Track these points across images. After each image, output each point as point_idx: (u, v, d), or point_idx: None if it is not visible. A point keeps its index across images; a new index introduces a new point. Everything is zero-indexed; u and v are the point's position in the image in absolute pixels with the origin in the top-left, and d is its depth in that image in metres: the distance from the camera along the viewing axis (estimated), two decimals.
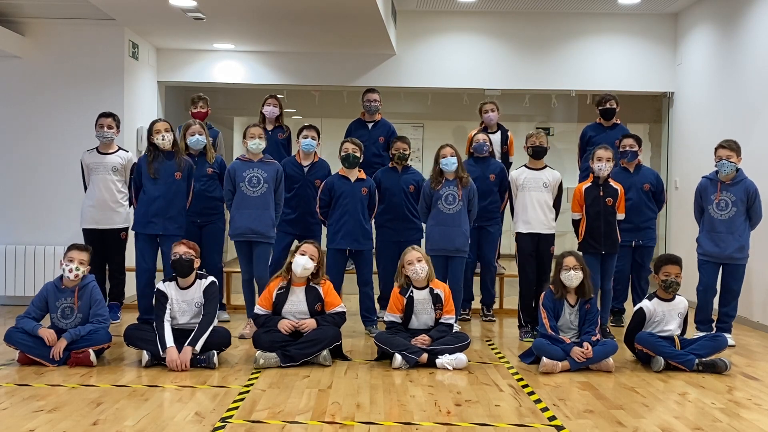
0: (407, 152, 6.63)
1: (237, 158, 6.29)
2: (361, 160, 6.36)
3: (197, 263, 5.37)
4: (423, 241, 6.60)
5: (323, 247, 6.32)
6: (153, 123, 6.21)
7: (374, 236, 6.60)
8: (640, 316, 5.46)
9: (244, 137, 6.16)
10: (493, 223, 6.88)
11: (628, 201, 6.38)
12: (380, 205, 6.54)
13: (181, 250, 5.31)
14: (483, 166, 6.76)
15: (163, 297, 5.29)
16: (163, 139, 6.09)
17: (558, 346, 5.24)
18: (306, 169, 6.60)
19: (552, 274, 5.73)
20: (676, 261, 5.46)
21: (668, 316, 5.42)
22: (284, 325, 5.29)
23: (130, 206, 6.84)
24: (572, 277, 5.42)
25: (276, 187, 6.15)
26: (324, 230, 6.69)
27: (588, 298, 5.47)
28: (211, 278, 5.43)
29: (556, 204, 6.40)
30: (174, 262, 5.31)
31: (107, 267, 6.82)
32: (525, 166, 6.46)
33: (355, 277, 6.49)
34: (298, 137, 6.67)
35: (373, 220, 6.59)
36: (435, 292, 5.51)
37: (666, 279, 5.40)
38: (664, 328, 5.40)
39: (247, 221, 6.05)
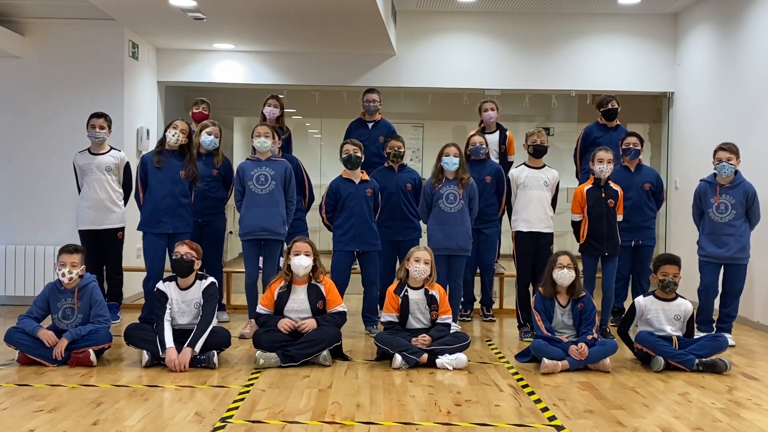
0: (402, 150, 6.64)
1: (246, 158, 6.28)
2: (362, 160, 6.36)
3: (198, 264, 5.36)
4: (422, 240, 6.60)
5: (327, 248, 6.37)
6: (175, 119, 6.27)
7: None
8: (631, 310, 5.55)
9: (252, 136, 6.16)
10: (490, 226, 6.86)
11: (628, 200, 6.39)
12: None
13: (183, 250, 5.31)
14: (479, 168, 6.74)
15: (162, 297, 5.29)
16: (173, 136, 6.10)
17: (556, 346, 5.25)
18: None
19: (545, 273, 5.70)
20: (674, 261, 5.46)
21: (663, 315, 5.42)
22: (284, 325, 5.29)
23: (125, 205, 6.85)
24: (565, 276, 5.42)
25: (286, 184, 6.12)
26: (321, 229, 6.68)
27: (578, 296, 5.48)
28: (211, 279, 5.42)
29: (553, 203, 6.40)
30: (174, 261, 5.32)
31: (104, 267, 6.80)
32: (525, 164, 6.45)
33: (357, 277, 6.50)
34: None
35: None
36: (430, 293, 5.52)
37: (664, 279, 5.40)
38: (658, 327, 5.40)
39: (257, 219, 6.04)
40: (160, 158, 6.16)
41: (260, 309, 5.50)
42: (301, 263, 5.38)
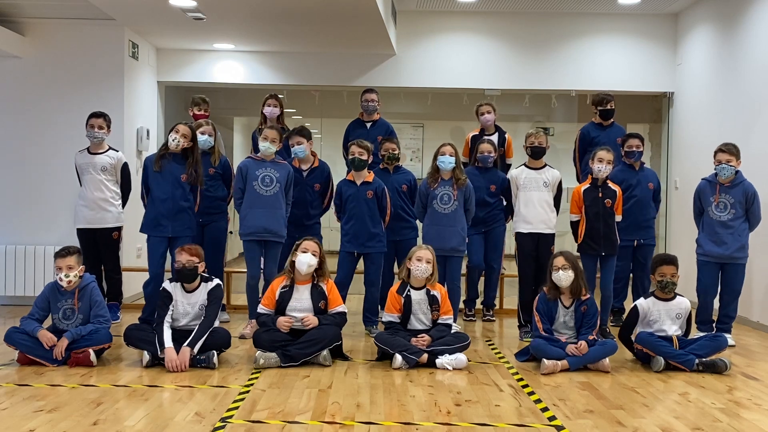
0: (396, 152, 6.64)
1: (248, 157, 6.28)
2: (369, 162, 6.35)
3: (202, 268, 5.35)
4: (419, 240, 6.60)
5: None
6: (177, 123, 6.19)
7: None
8: (633, 314, 5.51)
9: (260, 137, 6.15)
10: (498, 225, 6.88)
11: (634, 198, 6.43)
12: None
13: (183, 258, 5.28)
14: (487, 176, 6.74)
15: (167, 297, 5.29)
16: (173, 140, 6.05)
17: (555, 345, 5.25)
18: (305, 174, 6.59)
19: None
20: (671, 261, 5.46)
21: (665, 315, 5.42)
22: (282, 322, 5.29)
23: (123, 206, 6.84)
24: (562, 277, 5.41)
25: (287, 188, 6.14)
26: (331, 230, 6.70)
27: (582, 296, 5.47)
28: (216, 281, 5.41)
29: (556, 203, 6.41)
30: (178, 271, 5.29)
31: (102, 267, 6.78)
32: (524, 165, 6.45)
33: (358, 277, 6.50)
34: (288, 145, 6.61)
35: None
36: (432, 293, 5.53)
37: (662, 279, 5.41)
38: (661, 327, 5.40)
39: (260, 220, 6.03)
40: (162, 162, 6.10)
41: (261, 309, 5.49)
42: (306, 260, 5.37)
